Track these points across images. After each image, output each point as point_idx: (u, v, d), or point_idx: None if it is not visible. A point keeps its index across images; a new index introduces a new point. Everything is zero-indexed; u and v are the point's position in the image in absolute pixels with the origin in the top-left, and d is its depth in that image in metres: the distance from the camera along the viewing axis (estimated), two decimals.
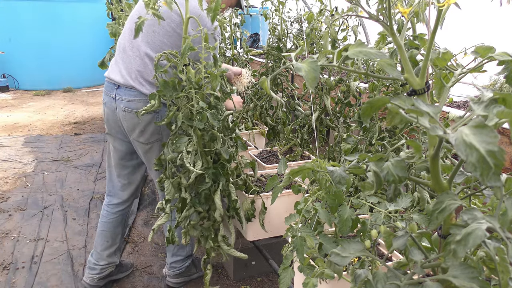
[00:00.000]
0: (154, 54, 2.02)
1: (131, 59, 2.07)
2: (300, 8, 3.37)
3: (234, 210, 2.07)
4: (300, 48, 1.33)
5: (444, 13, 0.84)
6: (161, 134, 2.15)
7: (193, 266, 2.59)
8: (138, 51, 2.05)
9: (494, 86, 3.30)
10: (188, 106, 1.84)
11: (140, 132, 2.11)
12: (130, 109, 2.07)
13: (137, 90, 2.05)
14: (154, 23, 2.00)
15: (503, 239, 0.69)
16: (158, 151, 2.17)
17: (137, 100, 2.07)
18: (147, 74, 2.05)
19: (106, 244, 2.44)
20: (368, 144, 1.99)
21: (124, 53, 2.10)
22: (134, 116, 2.07)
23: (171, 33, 2.02)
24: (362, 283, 0.92)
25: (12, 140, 5.26)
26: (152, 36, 2.03)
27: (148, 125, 2.10)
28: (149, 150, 2.19)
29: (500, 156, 0.54)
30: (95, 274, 2.47)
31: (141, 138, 2.14)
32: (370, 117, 0.80)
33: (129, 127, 2.12)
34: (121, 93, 2.08)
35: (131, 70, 2.06)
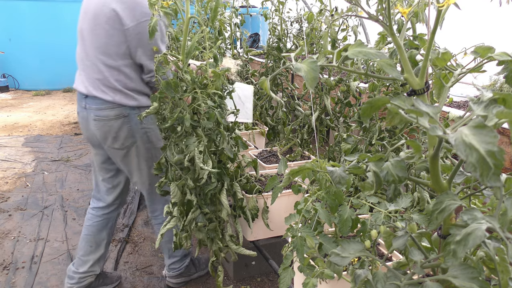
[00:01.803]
0: (106, 58, 1.98)
1: (89, 69, 2.04)
2: (300, 8, 3.37)
3: (240, 209, 2.08)
4: (300, 48, 1.33)
5: (444, 13, 0.84)
6: (135, 137, 2.12)
7: (192, 265, 2.57)
8: (92, 59, 2.02)
9: (494, 86, 3.30)
10: (194, 106, 1.84)
11: (113, 138, 2.09)
12: (100, 117, 2.05)
13: (100, 98, 2.03)
14: (95, 27, 1.96)
15: (503, 239, 0.69)
16: (135, 156, 2.15)
17: (104, 108, 2.04)
18: (106, 80, 2.01)
19: (89, 250, 2.36)
20: (368, 144, 1.99)
21: (82, 63, 2.08)
22: (104, 124, 2.05)
23: (110, 31, 1.94)
24: (362, 283, 0.92)
25: (12, 140, 5.26)
26: (97, 40, 1.98)
27: (120, 131, 2.08)
28: (126, 155, 2.15)
29: (499, 156, 0.54)
30: (73, 284, 2.36)
31: (115, 144, 2.11)
32: (370, 117, 0.80)
33: (101, 135, 2.10)
34: (90, 102, 2.06)
35: (91, 79, 2.04)
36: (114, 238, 3.07)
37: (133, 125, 2.10)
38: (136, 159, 2.17)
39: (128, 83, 2.03)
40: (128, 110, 2.06)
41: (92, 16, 1.97)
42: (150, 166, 2.18)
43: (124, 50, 1.97)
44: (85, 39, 2.03)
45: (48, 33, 8.10)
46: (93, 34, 1.98)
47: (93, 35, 1.98)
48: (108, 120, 2.06)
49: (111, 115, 2.05)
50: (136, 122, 2.09)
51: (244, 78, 3.53)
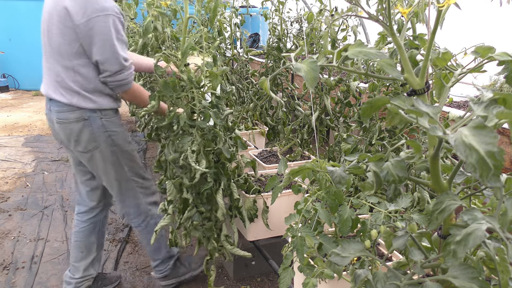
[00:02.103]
0: (61, 58, 1.91)
1: (50, 71, 2.00)
2: (300, 8, 3.37)
3: (236, 209, 2.08)
4: (300, 48, 1.33)
5: (444, 13, 0.84)
6: (98, 141, 2.04)
7: (181, 265, 2.50)
8: (50, 60, 1.97)
9: (494, 86, 3.30)
10: (190, 106, 1.84)
11: (75, 141, 2.04)
12: (61, 120, 2.00)
13: (59, 101, 1.98)
14: (51, 26, 1.90)
15: (503, 239, 0.69)
16: (100, 160, 2.09)
17: (64, 110, 1.98)
18: (63, 82, 1.95)
19: (81, 255, 2.33)
20: (368, 144, 1.99)
21: (44, 66, 2.04)
22: (65, 126, 2.00)
23: (63, 29, 1.86)
24: (362, 283, 0.92)
25: (12, 140, 5.26)
26: (52, 40, 1.92)
27: (81, 133, 2.01)
28: (91, 159, 2.09)
29: (499, 157, 0.54)
30: None
31: (78, 148, 2.06)
32: (370, 117, 0.80)
33: (64, 138, 2.06)
34: (52, 104, 2.02)
35: (51, 81, 1.99)
36: (114, 238, 3.07)
37: (95, 128, 2.01)
38: (101, 163, 2.09)
39: (86, 84, 1.95)
40: (88, 113, 1.98)
41: (47, 16, 1.91)
42: (117, 170, 2.12)
43: (77, 48, 1.87)
44: (44, 40, 1.98)
45: None
46: (49, 34, 1.92)
47: (49, 35, 1.92)
48: (69, 123, 2.00)
49: (71, 117, 1.98)
50: (98, 125, 2.01)
51: (244, 78, 3.53)
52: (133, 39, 3.88)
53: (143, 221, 2.29)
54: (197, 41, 2.32)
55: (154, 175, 3.92)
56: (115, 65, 1.88)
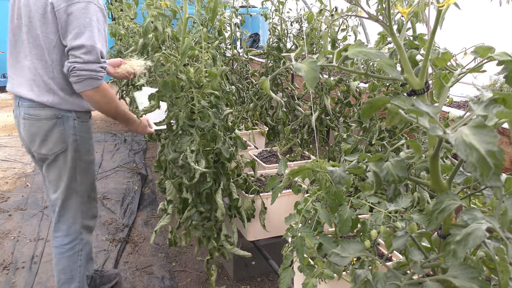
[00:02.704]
0: (40, 53, 1.81)
1: (24, 69, 1.86)
2: (300, 8, 3.37)
3: (235, 209, 2.08)
4: (300, 48, 1.33)
5: (444, 13, 0.84)
6: (66, 142, 1.89)
7: None
8: (27, 57, 1.84)
9: (494, 86, 3.30)
10: (189, 106, 1.84)
11: (41, 141, 1.87)
12: (30, 116, 1.85)
13: (32, 100, 1.85)
14: (30, 21, 1.78)
15: (503, 239, 0.69)
16: (62, 164, 1.93)
17: (35, 106, 1.85)
18: (40, 79, 1.83)
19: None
20: (368, 144, 1.99)
21: (15, 64, 1.91)
22: (33, 123, 1.85)
23: (44, 22, 1.76)
24: (362, 283, 0.92)
25: (12, 140, 5.26)
26: (31, 35, 1.81)
27: (50, 133, 1.86)
28: (52, 163, 1.93)
29: (500, 156, 0.54)
30: None
31: (43, 149, 1.88)
32: (370, 117, 0.80)
33: (29, 137, 1.89)
34: (22, 99, 1.87)
35: (25, 80, 1.86)
36: (114, 238, 3.07)
37: (66, 129, 1.88)
38: (60, 168, 1.94)
39: (63, 82, 1.83)
40: (62, 112, 1.86)
41: (23, 11, 1.78)
42: (71, 179, 1.96)
43: (56, 41, 1.76)
44: (17, 37, 1.85)
45: None
46: (28, 30, 1.79)
47: (28, 31, 1.79)
48: (38, 120, 1.85)
49: (41, 114, 1.84)
50: (69, 126, 1.89)
51: (244, 78, 3.53)
52: (133, 39, 3.88)
53: (69, 242, 2.06)
54: (197, 41, 2.32)
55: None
56: (90, 55, 1.71)
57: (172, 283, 2.60)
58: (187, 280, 2.64)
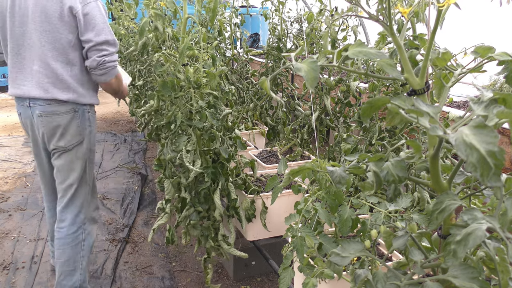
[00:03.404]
0: (58, 54, 1.94)
1: (34, 73, 1.98)
2: (300, 8, 3.37)
3: (233, 209, 2.08)
4: (300, 48, 1.33)
5: (444, 13, 0.84)
6: (83, 134, 2.05)
7: None
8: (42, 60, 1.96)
9: (494, 86, 3.30)
10: (187, 106, 1.85)
11: (61, 135, 2.01)
12: (47, 112, 1.98)
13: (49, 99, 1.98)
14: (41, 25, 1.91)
15: (503, 239, 0.69)
16: (74, 155, 2.06)
17: (53, 103, 1.98)
18: (59, 78, 1.97)
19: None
20: (368, 144, 1.99)
21: (26, 67, 2.01)
22: (53, 119, 1.98)
23: (59, 24, 1.90)
24: (362, 283, 0.92)
25: (12, 140, 5.26)
26: (43, 39, 1.93)
27: (68, 126, 2.00)
28: (67, 155, 2.06)
29: (500, 156, 0.54)
30: None
31: (61, 142, 2.01)
32: (370, 117, 0.80)
33: (48, 132, 2.01)
34: (35, 100, 1.98)
35: (37, 83, 1.97)
36: (114, 238, 3.07)
37: (82, 121, 2.05)
38: (74, 160, 2.08)
39: (82, 78, 2.00)
40: (78, 106, 2.02)
41: (36, 18, 1.90)
42: (83, 169, 2.11)
43: (74, 41, 1.92)
44: (22, 44, 1.95)
45: None
46: (44, 33, 1.90)
47: (43, 35, 1.91)
48: (58, 115, 1.99)
49: (61, 110, 1.98)
50: (85, 118, 2.05)
51: (244, 78, 3.53)
52: (133, 39, 3.88)
53: (73, 232, 2.15)
54: (196, 41, 2.32)
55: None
56: (114, 47, 1.95)
57: (172, 283, 2.60)
58: (187, 280, 2.64)
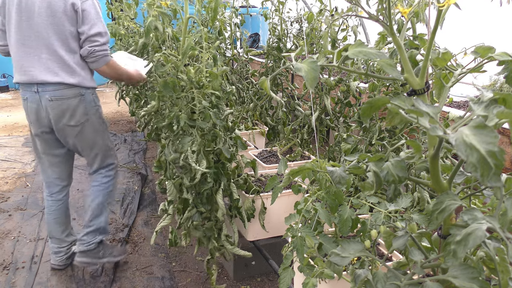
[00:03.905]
0: (64, 43, 2.24)
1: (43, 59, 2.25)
2: (300, 8, 3.37)
3: (236, 209, 2.08)
4: (300, 48, 1.33)
5: (444, 13, 0.84)
6: (89, 114, 2.38)
7: (103, 248, 2.64)
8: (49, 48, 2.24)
9: (494, 86, 3.30)
10: (190, 106, 1.84)
11: (70, 116, 2.32)
12: (57, 97, 2.27)
13: (59, 83, 2.27)
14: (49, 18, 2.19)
15: (503, 239, 0.69)
16: (90, 131, 2.42)
17: (61, 88, 2.27)
18: (66, 64, 2.26)
19: (62, 229, 2.61)
20: (368, 144, 1.99)
21: (33, 55, 2.26)
22: (62, 103, 2.28)
23: (64, 17, 2.20)
24: (362, 283, 0.92)
25: (12, 140, 5.26)
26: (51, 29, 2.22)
27: (77, 108, 2.32)
28: (80, 132, 2.40)
29: (500, 157, 0.54)
30: (62, 255, 2.64)
31: (72, 121, 2.33)
32: (370, 117, 0.80)
33: (58, 114, 2.30)
34: (43, 86, 2.26)
35: (46, 68, 2.25)
36: (114, 238, 3.07)
37: (87, 103, 2.37)
38: (91, 134, 2.43)
39: (84, 64, 2.32)
40: (83, 90, 2.33)
41: (42, 12, 2.18)
42: (104, 137, 2.51)
43: (75, 32, 2.23)
44: (28, 35, 2.22)
45: None
46: (48, 25, 2.19)
47: (49, 26, 2.19)
48: (67, 99, 2.28)
49: (69, 94, 2.28)
50: (90, 100, 2.38)
51: (244, 78, 3.53)
52: (133, 39, 3.88)
53: (107, 182, 2.61)
54: (197, 41, 2.32)
55: None
56: (104, 37, 2.27)
57: (172, 283, 2.60)
58: (187, 280, 2.64)
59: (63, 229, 2.62)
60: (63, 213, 2.61)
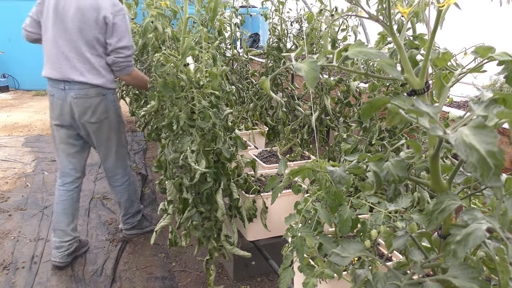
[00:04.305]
0: (93, 49, 2.45)
1: (71, 60, 2.46)
2: (300, 8, 3.37)
3: (236, 209, 2.08)
4: (300, 48, 1.33)
5: (444, 13, 0.84)
6: (108, 112, 2.59)
7: (145, 220, 3.10)
8: (78, 50, 2.45)
9: (494, 86, 3.30)
10: (190, 106, 1.84)
11: (92, 113, 2.52)
12: (81, 95, 2.48)
13: (84, 83, 2.47)
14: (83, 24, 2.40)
15: (503, 239, 0.69)
16: (107, 128, 2.62)
17: (86, 87, 2.48)
18: (93, 67, 2.47)
19: (68, 220, 2.70)
20: (368, 144, 1.99)
21: (62, 54, 2.47)
22: (85, 100, 2.49)
23: (95, 26, 2.41)
24: (362, 283, 0.92)
25: (12, 140, 5.26)
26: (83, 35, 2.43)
27: (98, 106, 2.52)
28: (98, 128, 2.59)
29: (500, 157, 0.54)
30: (64, 251, 2.68)
31: (92, 118, 2.54)
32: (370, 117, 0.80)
33: (81, 110, 2.51)
34: (71, 84, 2.47)
35: (75, 67, 2.45)
36: (114, 238, 3.07)
37: (108, 102, 2.57)
38: (107, 131, 2.63)
39: (107, 68, 2.52)
40: (105, 90, 2.54)
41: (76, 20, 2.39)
42: (118, 136, 2.71)
43: (103, 40, 2.44)
44: (61, 38, 2.43)
45: None
46: (81, 31, 2.40)
47: (81, 31, 2.40)
48: (90, 97, 2.49)
49: (92, 93, 2.49)
50: (110, 100, 2.59)
51: (244, 78, 3.53)
52: (133, 39, 3.88)
53: (127, 180, 2.88)
54: (197, 41, 2.32)
55: None
56: (130, 50, 2.48)
57: (172, 283, 2.60)
58: (187, 280, 2.64)
59: (69, 221, 2.70)
60: (72, 205, 2.71)
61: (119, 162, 2.80)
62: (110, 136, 2.67)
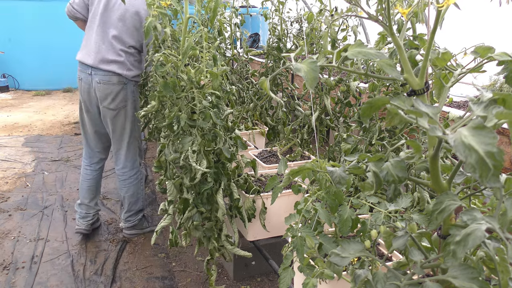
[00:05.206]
0: (124, 44, 2.68)
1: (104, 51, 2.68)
2: (300, 8, 3.37)
3: (236, 209, 2.07)
4: (300, 48, 1.33)
5: (444, 13, 0.84)
6: (127, 101, 2.76)
7: (145, 220, 3.17)
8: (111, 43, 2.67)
9: (494, 86, 3.30)
10: (190, 106, 1.84)
11: (112, 99, 2.70)
12: (105, 81, 2.67)
13: (110, 71, 2.68)
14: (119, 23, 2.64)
15: (503, 240, 0.69)
16: (123, 117, 2.78)
17: (110, 74, 2.68)
18: (121, 60, 2.68)
19: (91, 196, 3.02)
20: (368, 144, 1.99)
21: (97, 45, 2.70)
22: (108, 87, 2.67)
23: (132, 26, 2.67)
24: (362, 283, 0.92)
25: (12, 140, 5.26)
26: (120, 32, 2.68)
27: (119, 93, 2.71)
28: (116, 115, 2.76)
29: (499, 157, 0.54)
30: (89, 220, 3.02)
31: (111, 105, 2.72)
32: (370, 117, 0.80)
33: (103, 95, 2.69)
34: (96, 70, 2.68)
35: (104, 57, 2.67)
36: (114, 238, 3.07)
37: (128, 91, 2.75)
38: (123, 119, 2.78)
39: (135, 63, 2.75)
40: (127, 80, 2.72)
41: (118, 18, 2.65)
42: (132, 127, 2.85)
43: (135, 40, 2.70)
44: (100, 31, 2.67)
45: (48, 33, 8.09)
46: (122, 27, 2.65)
47: (116, 28, 2.65)
48: (112, 84, 2.67)
49: (114, 80, 2.67)
50: (131, 90, 2.76)
51: (244, 78, 3.53)
52: None
53: (135, 174, 2.98)
54: (197, 41, 2.32)
55: None
56: None
57: (172, 283, 2.60)
58: (187, 280, 2.64)
59: (92, 197, 3.01)
60: (96, 183, 3.03)
61: (130, 154, 2.91)
62: (125, 126, 2.81)
